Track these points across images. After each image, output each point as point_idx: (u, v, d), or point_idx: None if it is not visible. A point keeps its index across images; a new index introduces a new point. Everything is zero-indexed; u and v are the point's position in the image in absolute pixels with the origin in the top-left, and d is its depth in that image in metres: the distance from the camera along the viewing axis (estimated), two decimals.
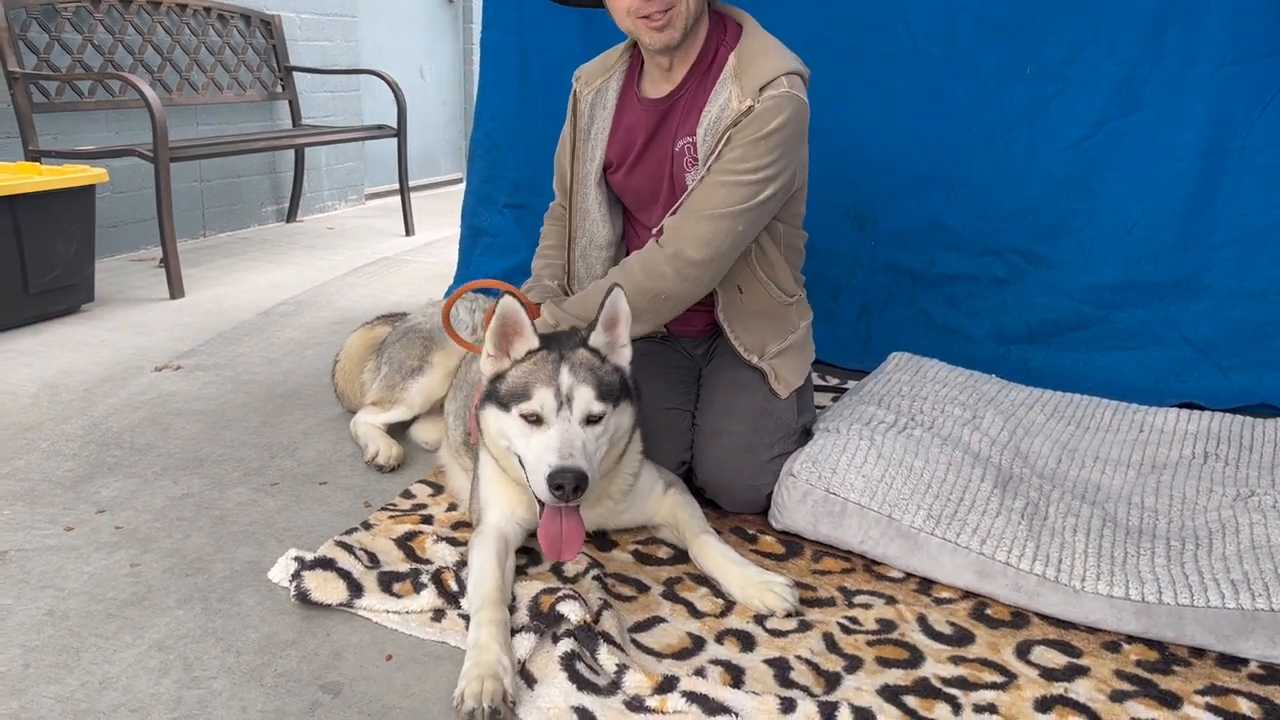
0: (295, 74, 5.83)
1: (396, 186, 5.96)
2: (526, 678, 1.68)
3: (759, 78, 2.12)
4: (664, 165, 2.31)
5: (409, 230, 5.80)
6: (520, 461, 1.87)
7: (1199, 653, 1.81)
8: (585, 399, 1.85)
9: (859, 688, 1.68)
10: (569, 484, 1.74)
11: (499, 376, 1.94)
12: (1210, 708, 1.66)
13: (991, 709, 1.64)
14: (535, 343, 1.94)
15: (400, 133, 5.74)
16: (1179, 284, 3.00)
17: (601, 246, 2.42)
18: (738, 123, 2.12)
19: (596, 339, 1.95)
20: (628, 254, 2.42)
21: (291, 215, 6.04)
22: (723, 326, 2.35)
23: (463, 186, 3.94)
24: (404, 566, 2.01)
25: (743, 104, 2.11)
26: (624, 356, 1.99)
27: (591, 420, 1.86)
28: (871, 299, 3.39)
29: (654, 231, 2.25)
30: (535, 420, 1.85)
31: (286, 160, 5.96)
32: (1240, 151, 2.87)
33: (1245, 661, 1.78)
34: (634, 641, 1.80)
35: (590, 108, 2.40)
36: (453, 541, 2.09)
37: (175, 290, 4.20)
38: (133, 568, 2.03)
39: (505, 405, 1.89)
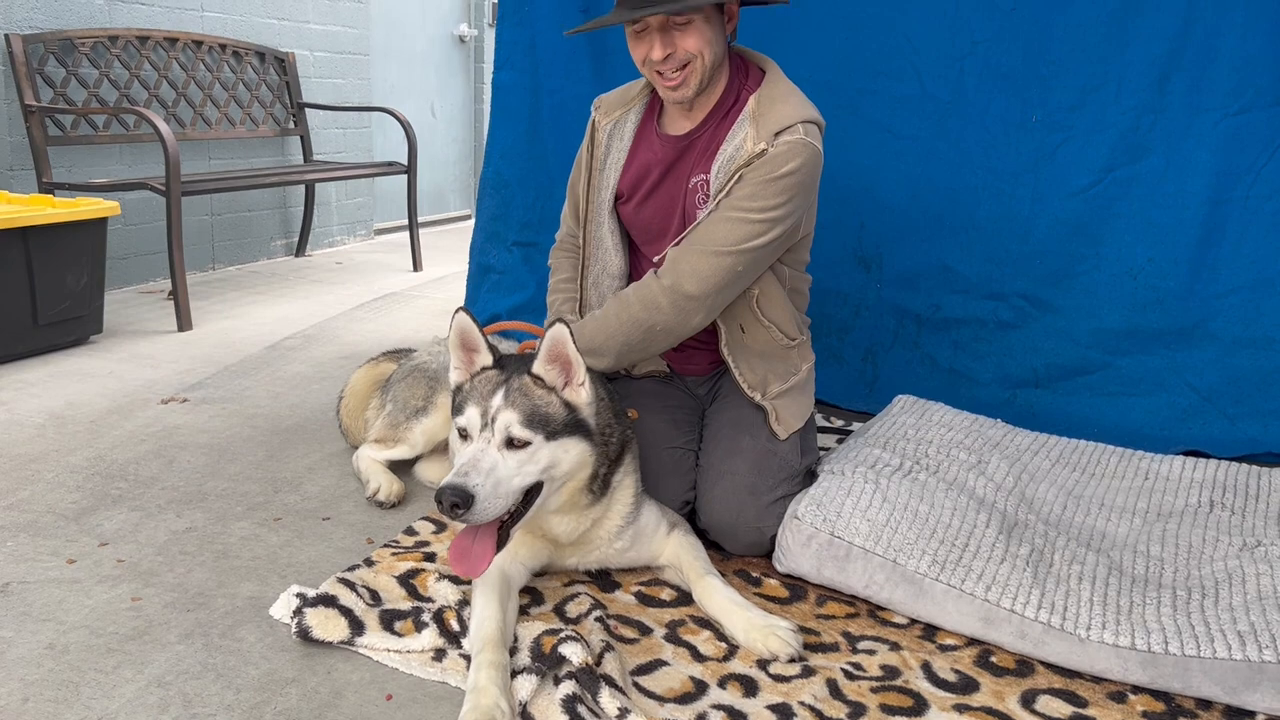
0: (307, 110, 5.89)
1: (405, 222, 5.99)
2: None
3: (776, 123, 2.15)
4: (677, 201, 2.33)
5: (417, 266, 5.84)
6: None
7: (1205, 704, 1.79)
8: (507, 422, 1.84)
9: None
10: (446, 499, 1.74)
11: (458, 389, 1.98)
12: None
13: None
14: (489, 359, 1.97)
15: (410, 169, 5.79)
16: (1184, 331, 3.00)
17: (614, 276, 2.45)
18: (750, 163, 2.14)
19: (539, 367, 1.93)
20: None
21: (300, 250, 6.07)
22: (727, 361, 2.36)
23: (471, 223, 3.97)
24: (406, 605, 2.00)
25: (757, 146, 2.14)
26: (581, 395, 1.94)
27: (515, 445, 1.85)
28: (877, 341, 3.39)
29: (654, 261, 2.27)
30: (465, 436, 1.88)
31: (297, 195, 6.01)
32: (1245, 200, 2.89)
33: (1252, 714, 1.77)
34: (636, 684, 1.79)
35: (607, 138, 2.43)
36: (455, 580, 2.08)
37: (183, 323, 4.22)
38: (134, 602, 2.03)
39: (454, 418, 1.93)
